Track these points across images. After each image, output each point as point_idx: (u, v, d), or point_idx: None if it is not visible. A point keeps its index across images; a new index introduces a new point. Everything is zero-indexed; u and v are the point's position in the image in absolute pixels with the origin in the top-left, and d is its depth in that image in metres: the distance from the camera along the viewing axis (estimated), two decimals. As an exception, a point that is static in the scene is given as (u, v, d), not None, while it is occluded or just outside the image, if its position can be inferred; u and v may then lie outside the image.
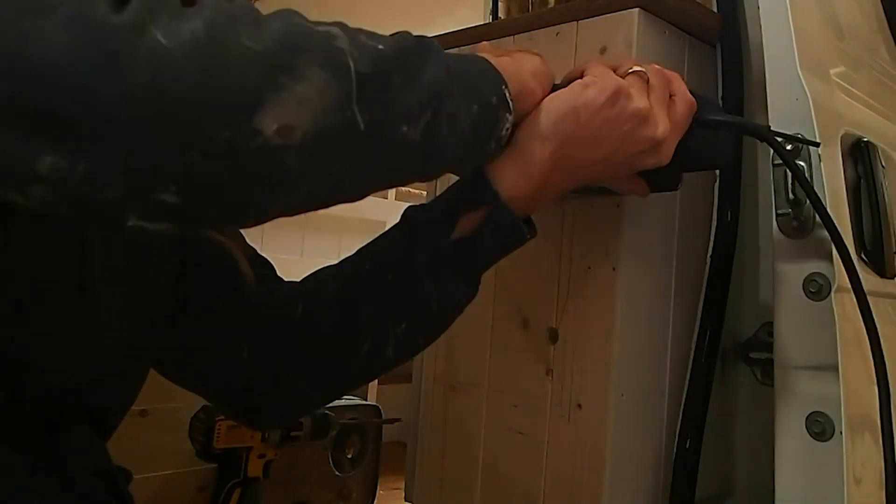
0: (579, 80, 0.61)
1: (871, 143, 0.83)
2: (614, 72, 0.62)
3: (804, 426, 0.70)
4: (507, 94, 0.56)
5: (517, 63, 0.59)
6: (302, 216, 0.49)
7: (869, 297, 0.76)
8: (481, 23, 1.03)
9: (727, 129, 0.69)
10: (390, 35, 0.50)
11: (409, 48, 0.49)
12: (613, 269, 0.80)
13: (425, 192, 1.03)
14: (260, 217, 0.45)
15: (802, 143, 0.72)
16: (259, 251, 0.80)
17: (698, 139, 0.65)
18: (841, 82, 0.87)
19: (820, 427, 0.69)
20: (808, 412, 0.70)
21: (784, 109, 0.76)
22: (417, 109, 0.48)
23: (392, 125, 0.47)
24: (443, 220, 0.63)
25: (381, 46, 0.47)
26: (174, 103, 0.37)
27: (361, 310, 0.68)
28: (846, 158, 0.80)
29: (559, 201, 0.80)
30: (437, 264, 0.64)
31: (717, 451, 0.88)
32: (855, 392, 0.70)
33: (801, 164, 0.74)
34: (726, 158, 0.70)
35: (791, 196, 0.74)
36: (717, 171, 0.88)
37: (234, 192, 0.41)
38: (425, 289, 0.65)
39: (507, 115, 0.56)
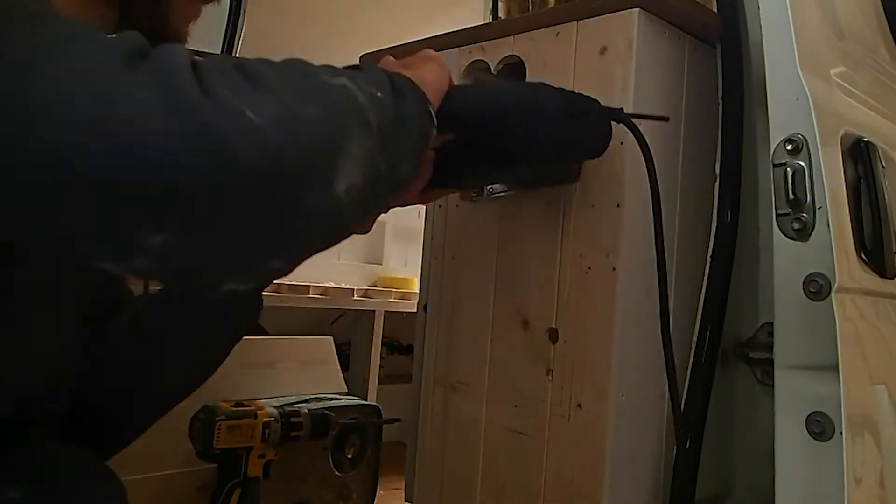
0: None
1: (871, 143, 0.83)
2: None
3: (804, 426, 0.70)
4: (432, 111, 0.62)
5: (421, 75, 0.64)
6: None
7: (869, 297, 0.76)
8: (481, 23, 1.03)
9: (589, 115, 0.74)
10: (368, 73, 0.54)
11: (395, 90, 0.54)
12: (613, 269, 0.80)
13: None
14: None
15: (654, 119, 0.78)
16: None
17: (570, 132, 0.72)
18: (841, 82, 0.87)
19: (820, 427, 0.69)
20: (808, 412, 0.70)
21: (784, 109, 0.76)
22: (412, 149, 0.55)
23: (399, 166, 0.52)
24: None
25: (379, 94, 0.51)
26: (273, 180, 0.40)
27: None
28: (846, 158, 0.80)
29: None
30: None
31: (717, 451, 0.88)
32: (855, 392, 0.70)
33: (801, 163, 0.74)
34: (599, 147, 0.76)
35: (791, 196, 0.74)
36: (718, 171, 0.88)
37: (319, 248, 0.47)
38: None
39: (433, 129, 0.62)
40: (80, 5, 0.64)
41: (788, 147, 0.75)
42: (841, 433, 0.68)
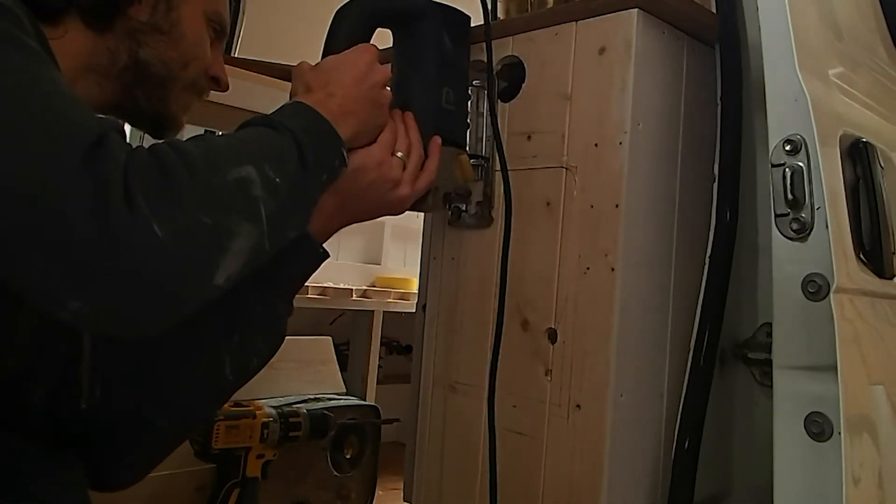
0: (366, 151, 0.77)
1: (870, 144, 0.83)
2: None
3: (803, 426, 0.70)
4: (344, 153, 0.70)
5: (327, 99, 0.71)
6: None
7: (867, 298, 0.76)
8: (481, 23, 1.03)
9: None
10: (278, 145, 0.63)
11: (302, 160, 0.63)
12: (612, 269, 0.80)
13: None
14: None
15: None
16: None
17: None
18: (839, 83, 0.87)
19: (819, 427, 0.69)
20: (807, 412, 0.71)
21: (783, 110, 0.76)
22: (302, 218, 0.66)
23: (285, 237, 0.63)
24: None
25: (278, 179, 0.60)
26: (163, 278, 0.51)
27: (196, 328, 0.73)
28: (845, 159, 0.80)
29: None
30: (258, 281, 0.71)
31: (716, 452, 0.88)
32: (854, 392, 0.70)
33: (800, 163, 0.74)
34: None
35: (790, 197, 0.74)
36: (717, 171, 0.88)
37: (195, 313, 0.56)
38: (250, 304, 0.74)
39: (344, 167, 0.71)
40: (83, 68, 0.68)
41: (787, 147, 0.75)
42: (839, 433, 0.68)
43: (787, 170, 0.74)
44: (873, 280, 0.79)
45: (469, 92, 0.93)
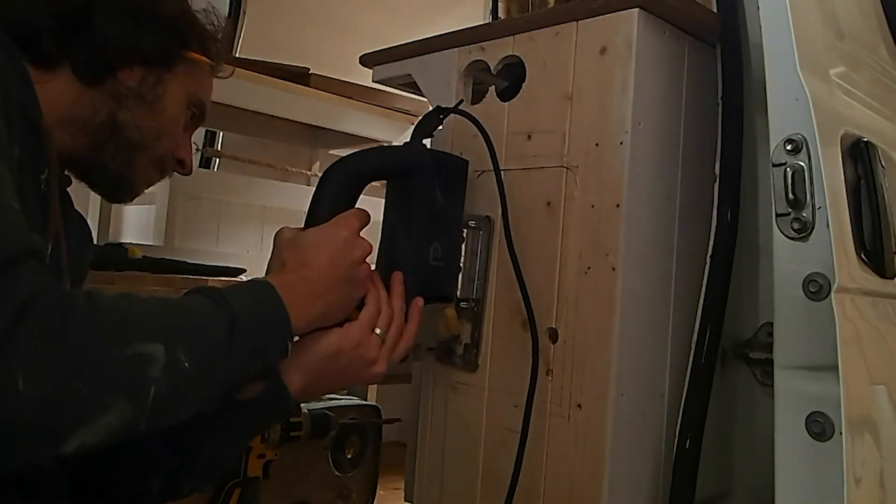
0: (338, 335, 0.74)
1: (871, 143, 0.83)
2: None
3: (804, 426, 0.70)
4: (289, 345, 0.68)
5: (322, 283, 0.70)
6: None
7: (869, 297, 0.76)
8: (481, 23, 1.03)
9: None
10: (207, 325, 0.60)
11: (230, 341, 0.60)
12: (613, 269, 0.80)
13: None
14: None
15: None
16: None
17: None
18: (841, 82, 0.87)
19: (820, 427, 0.69)
20: (808, 412, 0.71)
21: (784, 109, 0.76)
22: (205, 402, 0.60)
23: (174, 419, 0.58)
24: None
25: (187, 364, 0.56)
26: (11, 433, 0.49)
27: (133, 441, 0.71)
28: (846, 158, 0.80)
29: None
30: (220, 418, 0.70)
31: (717, 451, 0.88)
32: (855, 392, 0.70)
33: (801, 163, 0.74)
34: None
35: (791, 196, 0.74)
36: (718, 171, 0.88)
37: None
38: (196, 438, 0.72)
39: (285, 357, 0.68)
40: (63, 116, 0.70)
41: (788, 147, 0.75)
42: (840, 433, 0.68)
43: (788, 169, 0.74)
44: (874, 280, 0.79)
45: (464, 234, 0.91)
